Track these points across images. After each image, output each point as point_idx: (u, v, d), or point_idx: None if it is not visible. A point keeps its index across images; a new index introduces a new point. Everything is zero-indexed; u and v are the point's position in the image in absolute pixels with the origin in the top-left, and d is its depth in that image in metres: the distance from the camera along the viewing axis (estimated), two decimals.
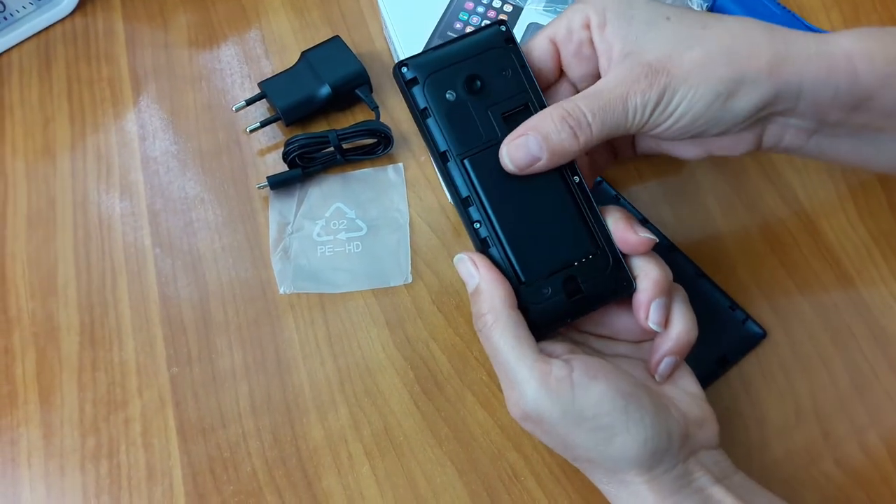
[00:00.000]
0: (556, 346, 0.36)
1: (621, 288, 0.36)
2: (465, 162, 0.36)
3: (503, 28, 0.38)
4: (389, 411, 0.43)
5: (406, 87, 0.37)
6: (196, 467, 0.42)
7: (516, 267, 0.36)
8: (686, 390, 0.37)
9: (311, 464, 0.42)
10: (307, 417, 0.43)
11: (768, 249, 0.47)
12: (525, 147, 0.35)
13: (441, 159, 0.37)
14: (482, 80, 0.37)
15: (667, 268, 0.36)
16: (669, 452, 0.33)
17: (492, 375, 0.44)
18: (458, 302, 0.46)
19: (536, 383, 0.33)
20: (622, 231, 0.36)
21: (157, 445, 0.43)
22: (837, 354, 0.44)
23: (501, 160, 0.36)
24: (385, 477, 0.41)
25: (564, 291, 0.36)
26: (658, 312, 0.35)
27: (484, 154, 0.36)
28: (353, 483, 0.41)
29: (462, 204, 0.36)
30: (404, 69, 0.37)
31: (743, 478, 0.35)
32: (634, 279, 0.36)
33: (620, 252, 0.36)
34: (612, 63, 0.35)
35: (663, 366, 0.36)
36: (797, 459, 0.41)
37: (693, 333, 0.36)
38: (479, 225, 0.36)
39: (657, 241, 0.36)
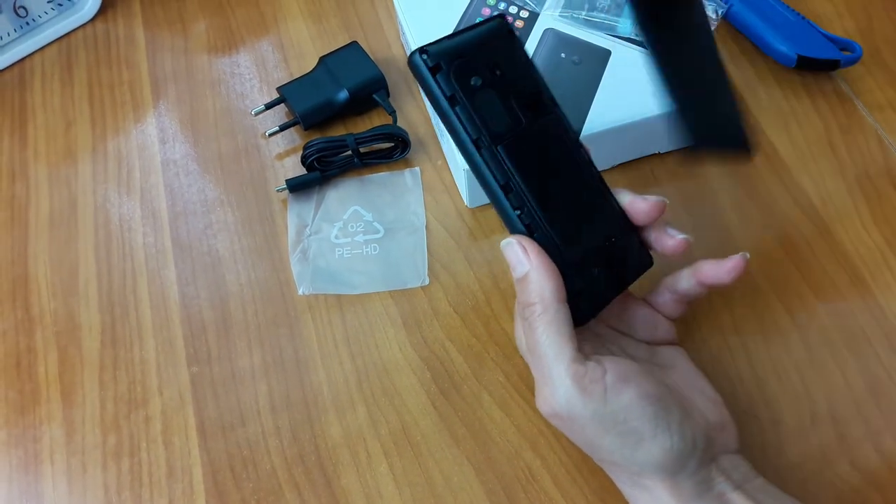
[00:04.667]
0: (587, 345, 0.36)
1: (646, 262, 0.39)
2: (500, 149, 0.36)
3: (504, 20, 0.38)
4: (407, 411, 0.43)
5: (430, 74, 0.35)
6: (216, 465, 0.42)
7: (563, 249, 0.36)
8: (705, 394, 0.37)
9: (329, 462, 0.42)
10: (326, 416, 0.43)
11: (783, 254, 0.48)
12: None
13: (475, 146, 0.36)
14: (500, 68, 0.37)
15: None
16: (693, 457, 0.34)
17: (508, 377, 0.44)
18: (474, 304, 0.47)
19: (570, 383, 0.33)
20: (633, 202, 0.38)
21: (177, 443, 0.43)
22: (852, 358, 0.44)
23: None
24: (403, 475, 0.42)
25: (608, 271, 0.37)
26: (674, 229, 0.38)
27: (514, 141, 0.37)
28: (371, 481, 0.41)
29: (502, 191, 0.36)
30: (425, 56, 0.35)
31: (763, 482, 0.35)
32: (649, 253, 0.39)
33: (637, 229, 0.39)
34: None
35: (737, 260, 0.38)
36: (812, 462, 0.41)
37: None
38: (520, 212, 0.36)
39: (667, 202, 0.38)
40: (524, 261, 0.35)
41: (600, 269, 0.37)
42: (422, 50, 0.35)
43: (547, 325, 0.34)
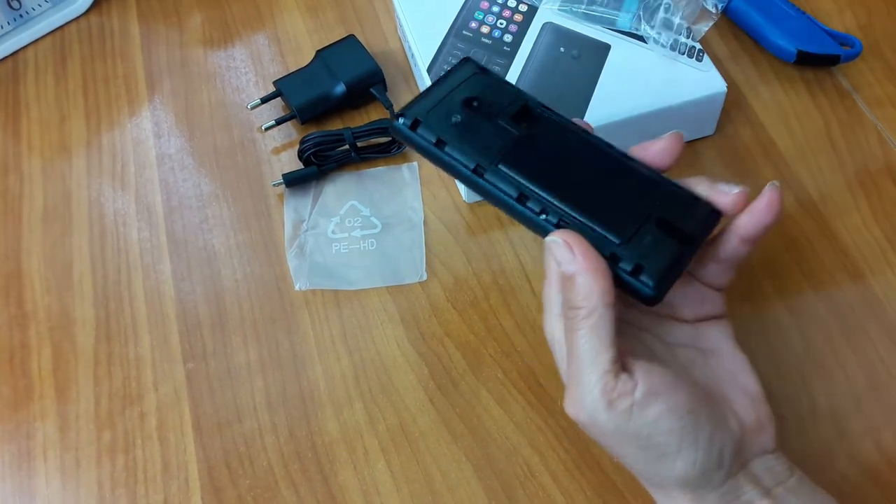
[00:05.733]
0: (620, 341, 0.34)
1: (712, 215, 0.35)
2: (500, 166, 0.36)
3: (472, 61, 0.40)
4: (404, 407, 0.43)
5: (411, 131, 0.37)
6: (212, 461, 0.42)
7: (604, 233, 0.34)
8: (746, 390, 0.36)
9: (326, 459, 0.42)
10: (323, 412, 0.43)
11: (783, 250, 0.47)
12: None
13: (476, 175, 0.36)
14: (477, 99, 0.38)
15: None
16: (719, 471, 0.33)
17: (506, 373, 0.44)
18: (472, 299, 0.46)
19: (598, 395, 0.32)
20: (641, 149, 0.36)
21: (172, 440, 0.43)
22: (853, 354, 0.44)
23: None
24: (400, 472, 0.41)
25: (666, 234, 0.34)
26: (725, 184, 0.36)
27: (513, 152, 0.36)
28: (368, 478, 0.41)
29: (518, 203, 0.35)
30: (402, 119, 0.37)
31: (797, 481, 0.34)
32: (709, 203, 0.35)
33: (686, 185, 0.36)
34: None
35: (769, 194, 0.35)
36: (813, 458, 0.41)
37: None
38: (545, 215, 0.35)
39: (682, 133, 0.36)
40: (571, 260, 0.33)
41: (657, 239, 0.34)
42: (398, 115, 0.37)
43: (589, 330, 0.32)
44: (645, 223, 0.34)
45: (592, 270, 0.33)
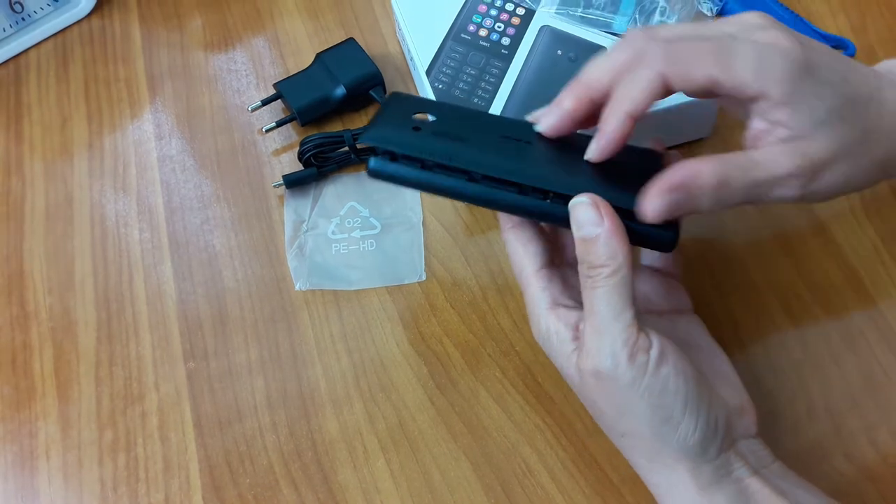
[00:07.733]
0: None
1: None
2: (488, 182, 0.36)
3: (396, 93, 0.42)
4: (404, 406, 0.44)
5: (393, 163, 0.37)
6: (212, 460, 0.42)
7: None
8: (727, 378, 0.38)
9: (326, 457, 0.42)
10: (323, 412, 0.43)
11: (779, 251, 0.48)
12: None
13: (473, 182, 0.36)
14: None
15: None
16: (714, 442, 0.34)
17: (504, 372, 0.44)
18: (471, 299, 0.47)
19: (621, 345, 0.33)
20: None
21: (173, 439, 0.43)
22: (848, 353, 0.44)
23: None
24: (400, 470, 0.42)
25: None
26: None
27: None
28: (368, 476, 0.42)
29: (521, 195, 0.36)
30: (378, 157, 0.37)
31: (780, 467, 0.36)
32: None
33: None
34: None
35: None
36: (808, 455, 0.42)
37: None
38: (549, 200, 0.36)
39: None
40: (597, 221, 0.34)
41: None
42: (370, 154, 0.37)
43: (612, 288, 0.33)
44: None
45: (617, 231, 0.34)
